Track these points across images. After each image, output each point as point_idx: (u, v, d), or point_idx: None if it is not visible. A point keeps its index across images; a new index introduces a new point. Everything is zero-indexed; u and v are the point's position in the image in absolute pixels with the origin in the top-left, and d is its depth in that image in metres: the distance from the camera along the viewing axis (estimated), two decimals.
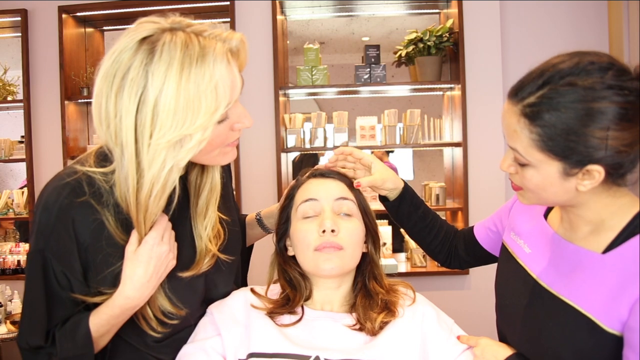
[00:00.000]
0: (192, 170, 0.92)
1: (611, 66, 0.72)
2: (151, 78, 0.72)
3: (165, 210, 0.84)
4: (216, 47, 0.74)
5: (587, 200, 0.80)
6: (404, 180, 1.15)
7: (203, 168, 0.92)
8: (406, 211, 1.15)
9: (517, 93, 0.77)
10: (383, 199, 1.17)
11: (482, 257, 1.15)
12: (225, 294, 1.01)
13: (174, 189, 0.80)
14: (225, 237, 0.96)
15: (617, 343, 0.76)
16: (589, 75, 0.72)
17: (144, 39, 0.74)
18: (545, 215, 0.94)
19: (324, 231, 0.95)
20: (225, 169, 1.08)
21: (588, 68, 0.72)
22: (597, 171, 0.74)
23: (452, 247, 1.19)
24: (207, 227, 0.91)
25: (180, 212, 0.90)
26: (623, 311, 0.74)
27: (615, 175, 0.76)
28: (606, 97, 0.71)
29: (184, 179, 0.92)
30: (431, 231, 1.17)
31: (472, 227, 1.18)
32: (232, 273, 1.04)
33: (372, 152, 4.05)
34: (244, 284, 1.14)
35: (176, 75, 0.71)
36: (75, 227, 0.82)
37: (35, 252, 0.83)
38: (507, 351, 0.90)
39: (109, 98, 0.75)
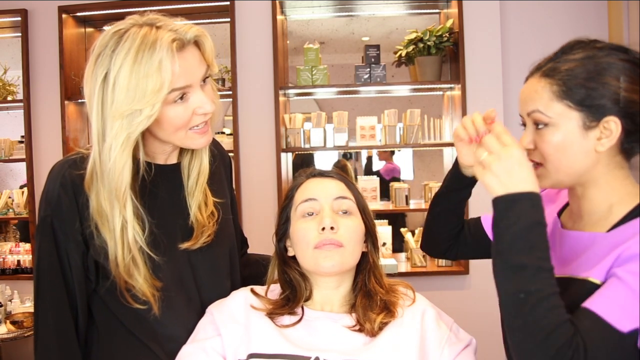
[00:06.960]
0: (185, 157, 1.04)
1: (621, 47, 0.84)
2: (114, 61, 0.85)
3: (147, 191, 0.96)
4: (164, 36, 0.85)
5: (601, 176, 0.84)
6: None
7: (193, 154, 1.04)
8: (465, 197, 1.10)
9: (538, 68, 0.87)
10: (461, 178, 1.06)
11: (484, 248, 1.12)
12: (212, 281, 1.04)
13: (139, 168, 0.92)
14: (219, 216, 1.07)
15: None
16: (599, 43, 0.84)
17: (118, 31, 0.88)
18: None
19: (323, 229, 0.95)
20: (227, 166, 1.19)
21: (599, 43, 0.85)
22: (614, 121, 0.80)
23: (459, 235, 1.17)
24: (196, 201, 1.04)
25: (175, 195, 1.03)
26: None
27: (631, 139, 0.81)
28: (616, 54, 0.82)
29: (177, 166, 1.04)
30: (459, 218, 1.13)
31: (479, 217, 1.16)
32: (223, 253, 1.09)
33: (378, 152, 3.98)
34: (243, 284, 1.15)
35: (131, 59, 0.84)
36: (76, 196, 0.92)
37: (43, 218, 0.93)
38: (527, 178, 0.76)
39: (87, 78, 0.89)
